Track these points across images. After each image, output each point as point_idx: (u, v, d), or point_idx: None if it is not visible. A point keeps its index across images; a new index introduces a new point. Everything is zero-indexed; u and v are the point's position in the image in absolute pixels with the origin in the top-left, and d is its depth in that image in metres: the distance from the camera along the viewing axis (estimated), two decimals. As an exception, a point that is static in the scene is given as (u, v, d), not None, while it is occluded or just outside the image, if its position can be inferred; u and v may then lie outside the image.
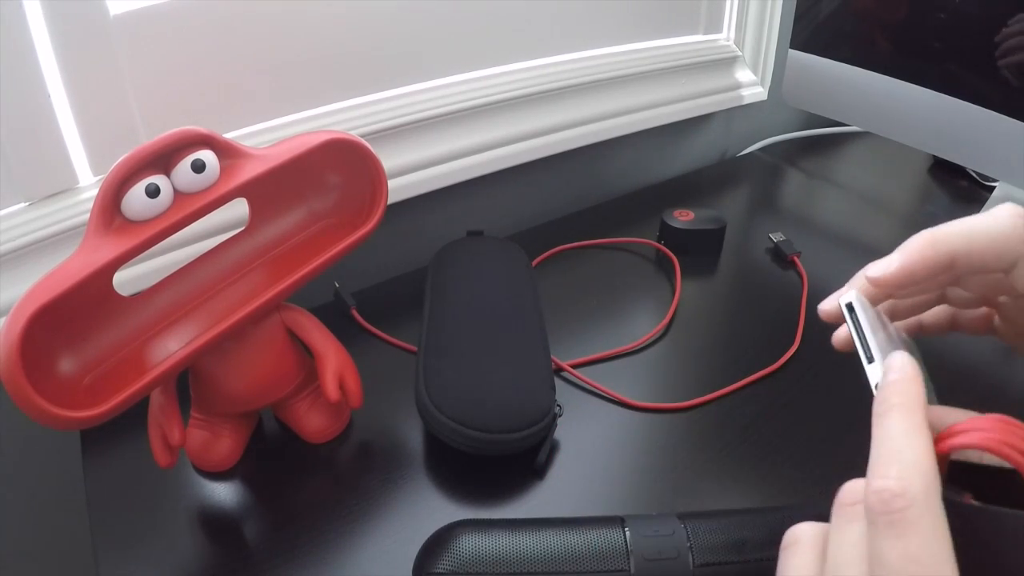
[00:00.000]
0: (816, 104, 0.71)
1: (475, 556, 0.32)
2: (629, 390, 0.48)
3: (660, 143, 0.80)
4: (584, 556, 0.32)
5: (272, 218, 0.42)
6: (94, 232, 0.33)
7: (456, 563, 0.32)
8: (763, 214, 0.73)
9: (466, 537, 0.33)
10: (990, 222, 0.28)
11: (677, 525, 0.33)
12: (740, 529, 0.33)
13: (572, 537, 0.32)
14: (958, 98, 0.58)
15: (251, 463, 0.43)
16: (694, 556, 0.32)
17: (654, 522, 0.33)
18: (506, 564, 0.31)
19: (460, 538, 0.33)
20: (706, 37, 0.79)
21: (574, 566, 0.31)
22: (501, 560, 0.32)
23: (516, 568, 0.31)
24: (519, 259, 0.54)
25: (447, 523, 0.34)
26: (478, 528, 0.33)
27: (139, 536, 0.39)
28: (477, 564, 0.32)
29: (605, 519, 0.34)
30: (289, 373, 0.43)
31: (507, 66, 0.65)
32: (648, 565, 0.31)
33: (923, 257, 0.28)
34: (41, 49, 0.43)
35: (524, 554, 0.32)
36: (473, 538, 0.33)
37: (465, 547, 0.32)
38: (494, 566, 0.31)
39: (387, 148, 0.58)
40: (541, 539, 0.32)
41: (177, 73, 0.49)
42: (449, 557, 0.32)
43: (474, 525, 0.34)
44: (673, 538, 0.32)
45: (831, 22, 0.67)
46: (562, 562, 0.31)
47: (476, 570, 0.31)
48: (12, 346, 0.30)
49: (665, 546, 0.32)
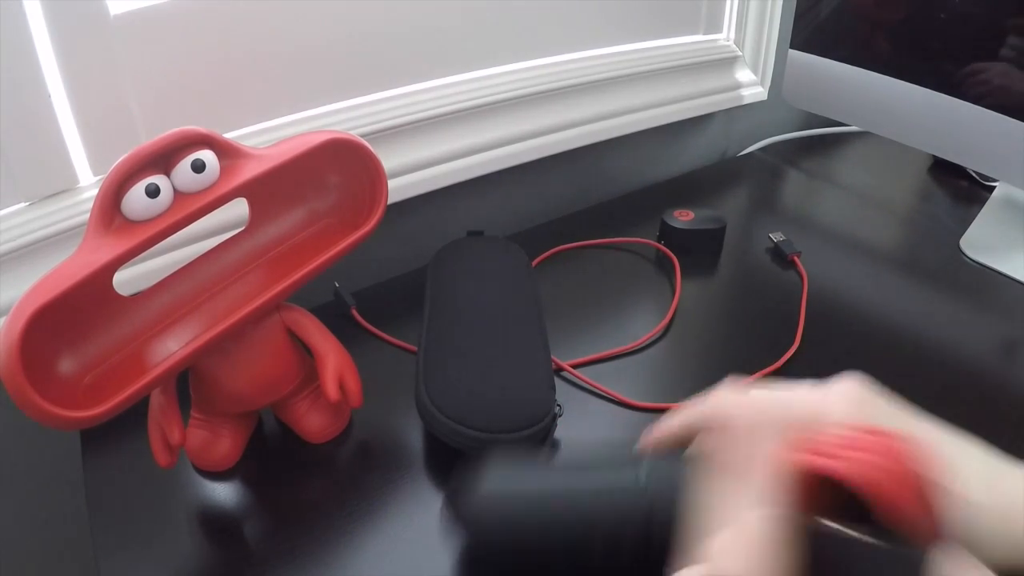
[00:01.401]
0: (816, 104, 0.71)
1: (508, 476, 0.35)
2: (629, 390, 0.48)
3: (660, 143, 0.80)
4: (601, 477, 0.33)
5: (272, 218, 0.42)
6: (94, 232, 0.33)
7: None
8: (763, 214, 0.73)
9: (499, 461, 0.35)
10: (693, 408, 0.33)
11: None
12: None
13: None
14: (958, 98, 0.58)
15: (251, 463, 0.43)
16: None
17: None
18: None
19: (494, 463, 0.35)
20: (706, 37, 0.79)
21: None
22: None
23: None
24: (519, 259, 0.54)
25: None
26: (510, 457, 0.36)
27: (139, 536, 0.39)
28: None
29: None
30: (289, 373, 0.43)
31: (507, 66, 0.65)
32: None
33: (657, 437, 0.34)
34: (41, 49, 0.43)
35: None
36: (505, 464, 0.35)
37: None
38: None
39: (387, 148, 0.58)
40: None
41: (177, 73, 0.49)
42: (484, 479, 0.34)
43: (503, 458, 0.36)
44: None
45: (831, 22, 0.67)
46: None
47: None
48: (12, 346, 0.30)
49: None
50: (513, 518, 0.33)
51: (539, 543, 0.32)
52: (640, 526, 0.31)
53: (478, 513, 0.34)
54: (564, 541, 0.32)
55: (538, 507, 0.33)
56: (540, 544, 0.32)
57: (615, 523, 0.31)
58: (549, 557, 0.33)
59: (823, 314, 0.55)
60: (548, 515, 0.32)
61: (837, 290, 0.58)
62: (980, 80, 0.55)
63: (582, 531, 0.32)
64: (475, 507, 0.34)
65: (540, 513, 0.33)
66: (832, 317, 0.55)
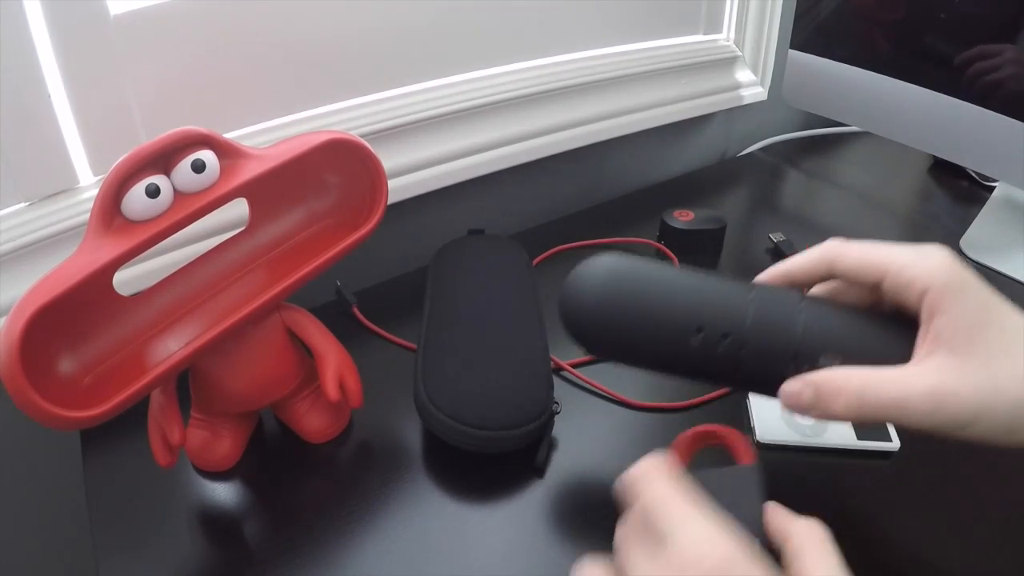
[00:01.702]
0: (816, 104, 0.71)
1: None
2: (629, 390, 0.48)
3: (660, 143, 0.80)
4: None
5: (272, 218, 0.42)
6: (94, 232, 0.33)
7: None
8: (763, 214, 0.73)
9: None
10: (811, 249, 0.35)
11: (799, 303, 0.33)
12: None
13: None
14: (958, 98, 0.58)
15: (251, 463, 0.43)
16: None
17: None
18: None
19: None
20: (706, 37, 0.79)
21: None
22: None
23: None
24: (520, 258, 0.54)
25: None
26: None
27: (139, 536, 0.39)
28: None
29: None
30: (289, 373, 0.43)
31: (507, 66, 0.65)
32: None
33: (771, 277, 0.35)
34: (41, 49, 0.43)
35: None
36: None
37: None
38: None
39: (387, 148, 0.58)
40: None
41: (177, 73, 0.49)
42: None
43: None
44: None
45: (831, 22, 0.67)
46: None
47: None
48: (12, 346, 0.30)
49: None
50: (626, 286, 0.34)
51: (643, 316, 0.33)
52: (741, 330, 0.32)
53: (594, 276, 0.34)
54: (667, 320, 0.33)
55: (652, 282, 0.34)
56: (643, 318, 0.33)
57: (718, 318, 0.32)
58: (646, 332, 0.33)
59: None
60: (659, 292, 0.33)
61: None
62: (988, 68, 0.55)
63: (686, 315, 0.33)
64: (592, 271, 0.34)
65: (653, 288, 0.33)
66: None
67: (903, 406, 0.28)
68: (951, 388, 0.28)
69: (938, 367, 0.28)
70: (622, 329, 0.34)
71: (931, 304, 0.29)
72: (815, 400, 0.30)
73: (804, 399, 0.30)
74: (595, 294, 0.34)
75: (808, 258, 0.34)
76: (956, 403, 0.28)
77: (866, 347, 0.31)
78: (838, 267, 0.33)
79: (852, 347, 0.31)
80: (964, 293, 0.29)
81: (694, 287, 0.34)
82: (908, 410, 0.28)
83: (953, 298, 0.29)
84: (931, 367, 0.28)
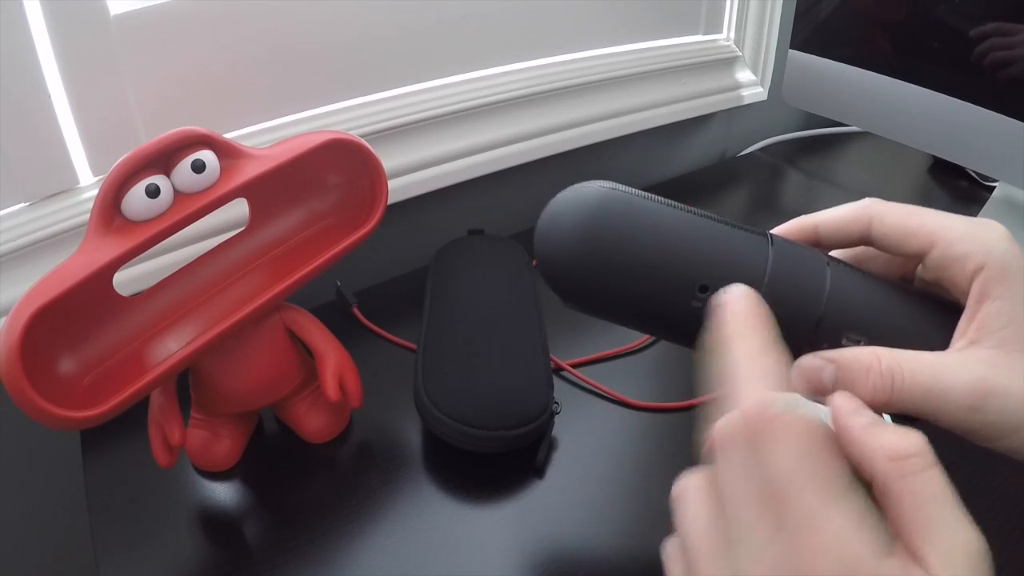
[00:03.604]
0: (816, 104, 0.71)
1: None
2: (629, 390, 0.48)
3: (660, 143, 0.80)
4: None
5: (272, 218, 0.42)
6: (94, 232, 0.33)
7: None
8: (763, 214, 0.73)
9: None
10: (843, 206, 0.29)
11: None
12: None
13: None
14: (958, 98, 0.58)
15: (251, 463, 0.43)
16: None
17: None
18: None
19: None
20: (706, 37, 0.79)
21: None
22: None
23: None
24: (520, 258, 0.54)
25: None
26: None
27: (139, 536, 0.39)
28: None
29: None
30: (289, 373, 0.43)
31: (507, 66, 0.65)
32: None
33: (797, 228, 0.30)
34: (41, 49, 0.43)
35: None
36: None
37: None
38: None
39: (387, 148, 0.58)
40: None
41: (177, 73, 0.49)
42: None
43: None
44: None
45: (831, 22, 0.67)
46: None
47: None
48: (12, 346, 0.30)
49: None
50: (620, 226, 0.27)
51: (637, 266, 0.27)
52: (755, 286, 0.26)
53: (580, 208, 0.27)
54: (666, 274, 0.27)
55: (651, 225, 0.27)
56: (637, 269, 0.27)
57: (729, 275, 0.26)
58: (639, 287, 0.27)
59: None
60: (659, 237, 0.27)
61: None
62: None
63: (690, 269, 0.27)
64: (579, 200, 0.28)
65: (652, 232, 0.27)
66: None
67: (942, 397, 0.24)
68: (998, 385, 0.23)
69: (984, 359, 0.24)
70: (609, 281, 0.27)
71: (984, 285, 0.25)
72: (838, 379, 0.25)
73: (825, 377, 0.25)
74: (579, 233, 0.27)
75: (843, 214, 0.29)
76: (1001, 404, 0.23)
77: (899, 326, 0.27)
78: (876, 229, 0.28)
79: (883, 324, 0.27)
80: (1022, 277, 0.25)
81: (702, 234, 0.27)
82: (947, 403, 0.24)
83: (1011, 282, 0.25)
84: (976, 358, 0.24)
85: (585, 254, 0.27)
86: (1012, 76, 0.54)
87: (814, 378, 0.25)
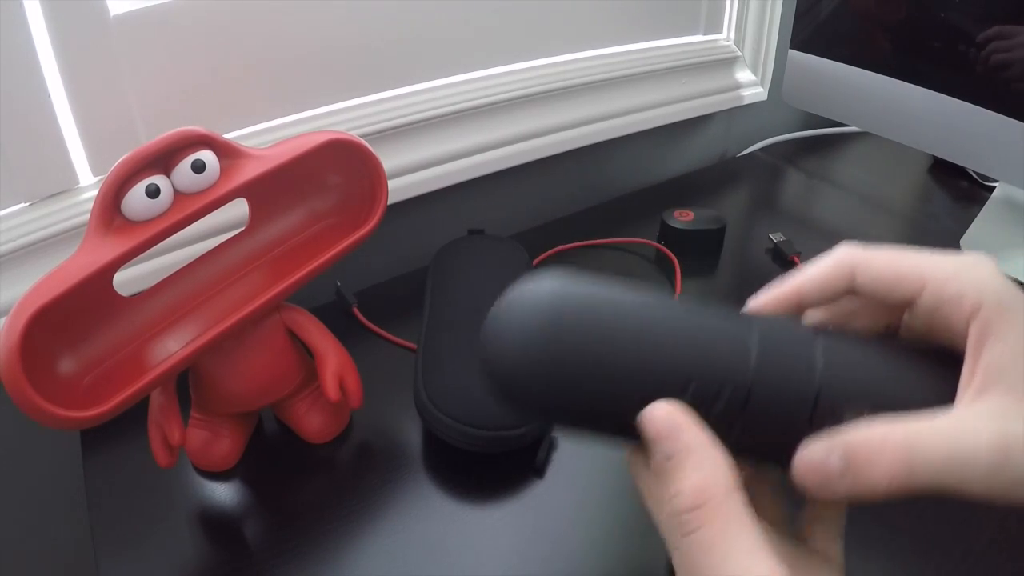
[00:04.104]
0: (816, 104, 0.71)
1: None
2: (629, 390, 0.48)
3: (660, 143, 0.80)
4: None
5: (272, 218, 0.42)
6: (94, 232, 0.33)
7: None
8: (763, 214, 0.73)
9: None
10: (822, 260, 0.26)
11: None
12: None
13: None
14: (958, 98, 0.58)
15: (251, 463, 0.43)
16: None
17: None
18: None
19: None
20: (706, 37, 0.79)
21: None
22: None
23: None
24: (520, 258, 0.54)
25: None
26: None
27: (139, 536, 0.39)
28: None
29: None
30: (289, 373, 0.43)
31: (507, 66, 0.65)
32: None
33: (776, 296, 0.27)
34: (41, 49, 0.43)
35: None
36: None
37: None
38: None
39: (387, 148, 0.58)
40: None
41: (177, 73, 0.49)
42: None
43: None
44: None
45: (831, 22, 0.67)
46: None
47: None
48: (12, 346, 0.30)
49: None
50: (582, 325, 0.23)
51: (605, 369, 0.23)
52: (743, 380, 0.23)
53: (531, 310, 0.23)
54: (642, 375, 0.23)
55: (617, 319, 0.23)
56: (605, 372, 0.23)
57: (712, 366, 0.23)
58: (609, 393, 0.23)
59: (823, 314, 0.55)
60: (628, 333, 0.23)
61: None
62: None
63: (669, 366, 0.23)
64: (529, 301, 0.23)
65: (619, 327, 0.23)
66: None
67: (965, 465, 0.21)
68: (1020, 436, 0.21)
69: (996, 410, 0.22)
70: (573, 389, 0.23)
71: (983, 326, 0.23)
72: (847, 469, 0.22)
73: (832, 470, 0.22)
74: (533, 337, 0.23)
75: (822, 270, 0.26)
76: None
77: (901, 387, 0.24)
78: (862, 278, 0.25)
79: (885, 389, 0.24)
80: (1022, 314, 0.23)
81: (675, 324, 0.24)
82: (970, 471, 0.21)
83: (1011, 320, 0.23)
84: (987, 410, 0.22)
85: (542, 367, 0.23)
86: (1012, 77, 0.54)
87: (821, 472, 0.22)
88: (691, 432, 0.22)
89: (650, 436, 0.23)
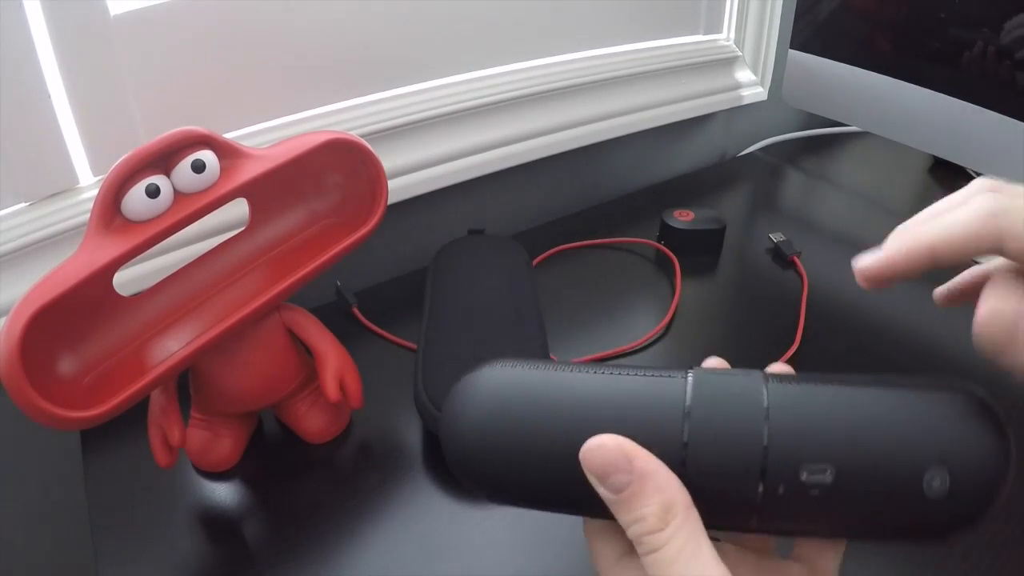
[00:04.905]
0: (816, 104, 0.71)
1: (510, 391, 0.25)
2: (629, 390, 0.48)
3: (660, 143, 0.80)
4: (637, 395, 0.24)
5: (272, 218, 0.42)
6: (94, 232, 0.33)
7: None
8: (763, 214, 0.73)
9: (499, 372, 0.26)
10: (961, 214, 0.23)
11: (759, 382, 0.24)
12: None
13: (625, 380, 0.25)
14: (958, 98, 0.58)
15: (251, 463, 0.43)
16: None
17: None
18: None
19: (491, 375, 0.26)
20: (706, 37, 0.79)
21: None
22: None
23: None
24: (520, 258, 0.54)
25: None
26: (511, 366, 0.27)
27: (139, 536, 0.39)
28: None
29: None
30: (289, 373, 0.43)
31: (507, 66, 0.65)
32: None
33: (907, 252, 0.25)
34: (41, 49, 0.43)
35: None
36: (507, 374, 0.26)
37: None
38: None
39: (387, 148, 0.58)
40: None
41: (177, 73, 0.49)
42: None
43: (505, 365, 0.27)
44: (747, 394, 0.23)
45: (831, 22, 0.67)
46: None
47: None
48: (12, 346, 0.30)
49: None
50: (512, 407, 0.24)
51: (532, 448, 0.24)
52: (674, 447, 0.22)
53: (472, 400, 0.25)
54: (568, 452, 0.23)
55: (542, 401, 0.24)
56: (533, 450, 0.24)
57: (637, 433, 0.23)
58: (537, 470, 0.24)
59: (823, 315, 0.55)
60: (553, 412, 0.24)
61: (837, 291, 0.58)
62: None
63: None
64: (470, 392, 0.26)
65: (545, 407, 0.24)
66: (832, 318, 0.55)
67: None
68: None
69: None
70: (512, 468, 0.24)
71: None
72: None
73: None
74: (475, 424, 0.25)
75: (965, 232, 0.23)
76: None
77: (874, 443, 0.21)
78: (1012, 244, 0.22)
79: (853, 443, 0.21)
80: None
81: (602, 404, 0.24)
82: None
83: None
84: None
85: (484, 449, 0.25)
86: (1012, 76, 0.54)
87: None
88: (642, 458, 0.22)
89: (598, 471, 0.22)
